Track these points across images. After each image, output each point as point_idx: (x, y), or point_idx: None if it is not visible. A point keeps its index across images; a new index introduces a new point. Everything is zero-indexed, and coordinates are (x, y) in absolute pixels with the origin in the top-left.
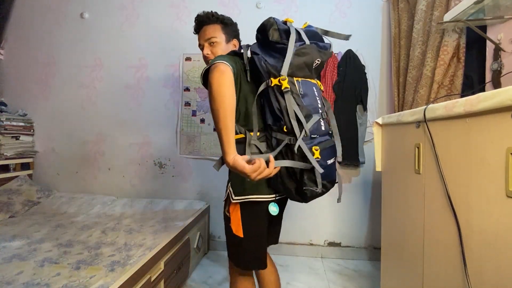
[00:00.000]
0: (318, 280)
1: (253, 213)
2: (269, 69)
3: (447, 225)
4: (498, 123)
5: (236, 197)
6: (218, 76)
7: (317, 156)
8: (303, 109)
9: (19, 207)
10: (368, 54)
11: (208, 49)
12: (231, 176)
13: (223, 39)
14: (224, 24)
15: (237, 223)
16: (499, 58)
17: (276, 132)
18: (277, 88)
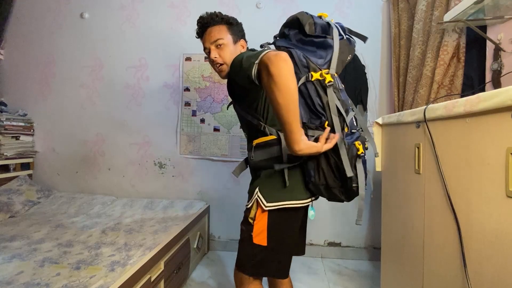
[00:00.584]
0: (318, 280)
1: (286, 221)
2: (310, 63)
3: (447, 225)
4: (498, 123)
5: (269, 204)
6: (283, 65)
7: (362, 151)
8: (344, 104)
9: (19, 207)
10: (368, 54)
11: (215, 52)
12: (260, 181)
13: (230, 40)
14: (229, 24)
15: (261, 231)
16: (499, 58)
17: (314, 130)
18: (319, 83)
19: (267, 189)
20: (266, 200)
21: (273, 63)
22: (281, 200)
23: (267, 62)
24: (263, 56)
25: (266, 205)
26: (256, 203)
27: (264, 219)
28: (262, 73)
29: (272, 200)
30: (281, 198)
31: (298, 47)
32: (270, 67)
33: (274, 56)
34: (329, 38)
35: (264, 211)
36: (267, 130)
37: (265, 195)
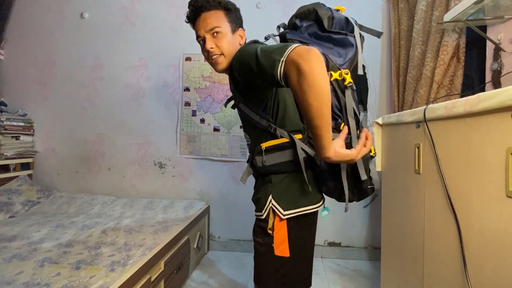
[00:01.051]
0: (318, 280)
1: (305, 227)
2: (329, 62)
3: (447, 225)
4: (498, 123)
5: (287, 212)
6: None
7: (373, 153)
8: (359, 106)
9: (19, 207)
10: (368, 54)
11: (211, 42)
12: (272, 188)
13: (228, 29)
14: (227, 10)
15: (282, 242)
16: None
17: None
18: (337, 83)
19: (282, 196)
20: (283, 208)
21: (306, 60)
22: (299, 207)
23: (298, 60)
24: (291, 52)
25: (284, 214)
26: (271, 212)
27: (284, 228)
28: (291, 72)
29: (290, 208)
30: (299, 205)
31: (311, 41)
32: (302, 65)
33: (307, 52)
34: (350, 36)
35: (283, 220)
36: (278, 132)
37: (281, 202)
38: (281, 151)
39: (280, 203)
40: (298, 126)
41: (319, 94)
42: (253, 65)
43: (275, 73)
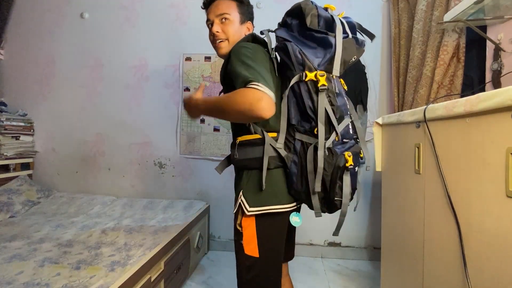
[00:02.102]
0: (318, 280)
1: (272, 227)
2: (305, 61)
3: (447, 225)
4: (498, 123)
5: (252, 208)
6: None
7: (350, 163)
8: (337, 110)
9: (19, 207)
10: (368, 54)
11: (218, 26)
12: (243, 183)
13: (237, 19)
14: (240, 2)
15: (251, 240)
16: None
17: (302, 134)
18: (312, 84)
19: (250, 192)
20: (249, 205)
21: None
22: (265, 205)
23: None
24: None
25: (248, 210)
26: (240, 208)
27: (252, 226)
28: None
29: (256, 204)
30: (266, 203)
31: (298, 40)
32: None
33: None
34: (330, 36)
35: (248, 216)
36: (252, 128)
37: (248, 198)
38: (253, 146)
39: (247, 198)
40: (275, 127)
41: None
42: (233, 68)
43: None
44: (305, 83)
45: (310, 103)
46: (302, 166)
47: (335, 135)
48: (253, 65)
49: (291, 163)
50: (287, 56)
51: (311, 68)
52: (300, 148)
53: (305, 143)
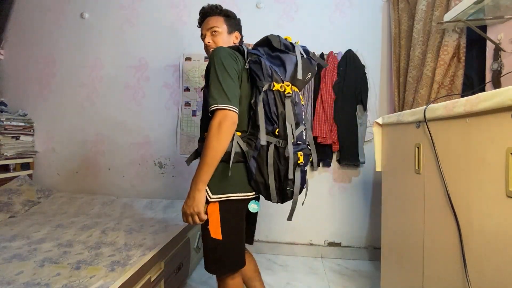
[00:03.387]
0: (318, 280)
1: (233, 213)
2: (274, 74)
3: (447, 225)
4: (498, 123)
5: (214, 196)
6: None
7: (301, 161)
8: (296, 117)
9: (19, 207)
10: (368, 54)
11: (209, 38)
12: None
13: (225, 30)
14: (226, 16)
15: (215, 224)
16: (499, 58)
17: (265, 135)
18: (278, 93)
19: (213, 182)
20: (212, 192)
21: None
22: (226, 193)
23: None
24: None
25: (211, 197)
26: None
27: (216, 212)
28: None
29: (218, 192)
30: (226, 191)
31: (268, 58)
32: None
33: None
34: (291, 54)
35: (214, 203)
36: None
37: (211, 187)
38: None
39: (211, 187)
40: (243, 127)
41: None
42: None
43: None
44: (272, 91)
45: (275, 109)
46: (261, 162)
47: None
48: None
49: (251, 158)
50: (259, 68)
51: (277, 80)
52: (260, 145)
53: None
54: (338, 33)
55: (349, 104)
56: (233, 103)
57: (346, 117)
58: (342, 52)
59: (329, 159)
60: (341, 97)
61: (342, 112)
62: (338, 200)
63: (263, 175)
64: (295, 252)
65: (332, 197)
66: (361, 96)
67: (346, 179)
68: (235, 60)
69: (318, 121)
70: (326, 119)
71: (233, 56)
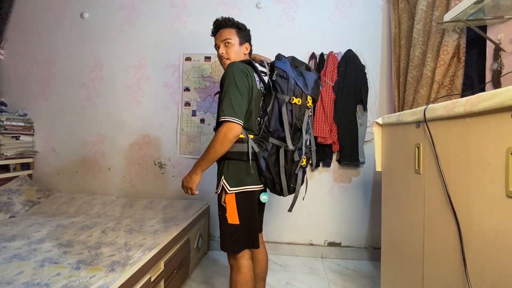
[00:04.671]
0: (318, 280)
1: (248, 201)
2: (295, 89)
3: (447, 225)
4: (498, 123)
5: (232, 188)
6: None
7: (304, 163)
8: (307, 126)
9: (19, 207)
10: (368, 54)
11: (223, 49)
12: (224, 170)
13: (237, 42)
14: (239, 28)
15: (233, 212)
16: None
17: (275, 139)
18: (296, 106)
19: (230, 177)
20: (230, 186)
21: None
22: (241, 186)
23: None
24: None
25: (229, 189)
26: (223, 189)
27: (233, 201)
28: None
29: (234, 186)
30: (242, 184)
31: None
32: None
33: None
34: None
35: (229, 194)
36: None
37: (229, 182)
38: (237, 143)
39: (228, 182)
40: (255, 129)
41: (217, 152)
42: (224, 91)
43: (218, 117)
44: (290, 104)
45: (290, 119)
46: (269, 162)
47: (300, 143)
48: (232, 96)
49: (261, 158)
50: (285, 83)
51: (297, 95)
52: (270, 148)
53: (276, 145)
54: (338, 33)
55: (349, 104)
56: (239, 117)
57: (346, 117)
58: (342, 52)
59: (329, 159)
60: (341, 97)
61: (342, 112)
62: (338, 200)
63: (271, 172)
64: (295, 252)
65: (332, 197)
66: (361, 96)
67: (346, 179)
68: (246, 76)
69: (318, 121)
70: (326, 119)
71: (245, 72)
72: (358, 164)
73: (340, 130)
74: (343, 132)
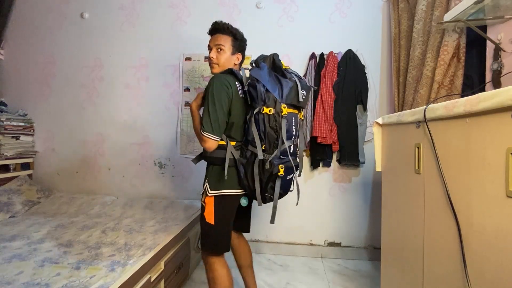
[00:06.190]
0: (318, 280)
1: (225, 204)
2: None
3: (447, 225)
4: (498, 123)
5: (212, 191)
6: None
7: (281, 173)
8: (286, 134)
9: (19, 207)
10: (368, 54)
11: (214, 53)
12: (208, 174)
13: (229, 50)
14: (235, 38)
15: (210, 212)
16: (499, 58)
17: (253, 147)
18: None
19: (212, 180)
20: (211, 189)
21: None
22: (221, 189)
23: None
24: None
25: (210, 192)
26: (205, 191)
27: (211, 202)
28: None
29: (215, 189)
30: (222, 188)
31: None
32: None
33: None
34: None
35: (211, 197)
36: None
37: (210, 185)
38: (219, 149)
39: (210, 185)
40: (238, 136)
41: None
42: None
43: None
44: (262, 114)
45: (263, 128)
46: (247, 169)
47: (276, 152)
48: (211, 111)
49: (240, 165)
50: (255, 93)
51: (268, 105)
52: (249, 156)
53: (253, 153)
54: (338, 33)
55: (349, 104)
56: (215, 132)
57: (346, 117)
58: (342, 52)
59: (329, 159)
60: (341, 97)
61: (342, 112)
62: (338, 200)
63: (248, 180)
64: (295, 252)
65: (332, 197)
66: (361, 96)
67: (346, 179)
68: (227, 89)
69: (318, 121)
70: (326, 119)
71: (224, 85)
72: (358, 164)
73: (340, 130)
74: (343, 132)
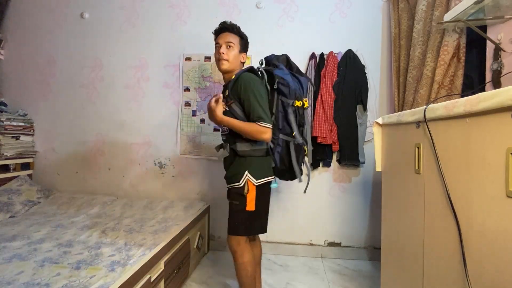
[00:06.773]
0: (318, 280)
1: (264, 190)
2: (296, 94)
3: (447, 225)
4: (498, 123)
5: (258, 181)
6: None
7: (306, 152)
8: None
9: (19, 207)
10: (368, 54)
11: (224, 49)
12: (247, 165)
13: (238, 48)
14: (241, 37)
15: (251, 200)
16: (499, 58)
17: (284, 134)
18: (296, 108)
19: (254, 171)
20: (255, 178)
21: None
22: (263, 177)
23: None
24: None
25: (256, 182)
26: (248, 181)
27: (253, 192)
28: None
29: (259, 178)
30: (263, 176)
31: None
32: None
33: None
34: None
35: (254, 186)
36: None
37: (253, 175)
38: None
39: (253, 175)
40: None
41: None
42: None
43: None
44: (293, 106)
45: (293, 118)
46: (283, 154)
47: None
48: (261, 103)
49: (276, 153)
50: (287, 90)
51: (298, 98)
52: (281, 142)
53: (285, 140)
54: (338, 33)
55: (349, 104)
56: (270, 121)
57: (346, 117)
58: (342, 52)
59: (329, 159)
60: (341, 97)
61: (342, 112)
62: (338, 200)
63: (285, 163)
64: (295, 252)
65: (332, 197)
66: (361, 96)
67: (346, 179)
68: (261, 83)
69: (318, 121)
70: (326, 119)
71: (262, 83)
72: (358, 164)
73: (340, 130)
74: (343, 132)
